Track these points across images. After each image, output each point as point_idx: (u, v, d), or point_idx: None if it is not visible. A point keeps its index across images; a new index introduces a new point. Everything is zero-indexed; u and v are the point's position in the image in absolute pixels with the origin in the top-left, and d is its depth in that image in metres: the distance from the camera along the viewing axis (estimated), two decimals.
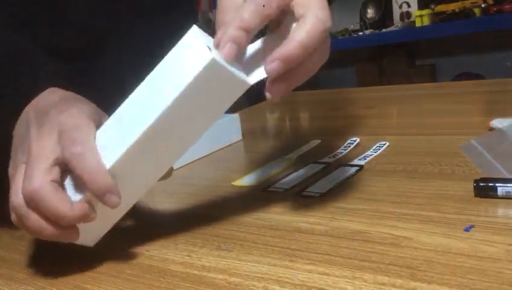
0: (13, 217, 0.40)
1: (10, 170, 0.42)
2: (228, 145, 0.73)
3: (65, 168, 0.39)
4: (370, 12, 2.77)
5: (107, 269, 0.39)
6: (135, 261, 0.40)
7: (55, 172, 0.38)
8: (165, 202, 0.54)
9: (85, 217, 0.38)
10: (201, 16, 2.29)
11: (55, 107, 0.41)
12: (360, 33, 2.70)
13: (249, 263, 0.36)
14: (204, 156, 0.69)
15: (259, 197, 0.50)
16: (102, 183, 0.36)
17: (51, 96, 0.44)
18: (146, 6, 0.65)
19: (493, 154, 0.49)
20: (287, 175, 0.55)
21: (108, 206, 0.37)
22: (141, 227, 0.47)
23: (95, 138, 0.38)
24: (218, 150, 0.72)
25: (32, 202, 0.37)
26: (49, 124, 0.40)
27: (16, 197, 0.38)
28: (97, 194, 0.37)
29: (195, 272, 0.36)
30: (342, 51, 2.80)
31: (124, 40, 0.63)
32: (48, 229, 0.38)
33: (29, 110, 0.43)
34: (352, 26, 2.81)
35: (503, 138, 0.53)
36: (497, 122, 0.59)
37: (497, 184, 0.41)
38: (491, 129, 0.59)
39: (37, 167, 0.38)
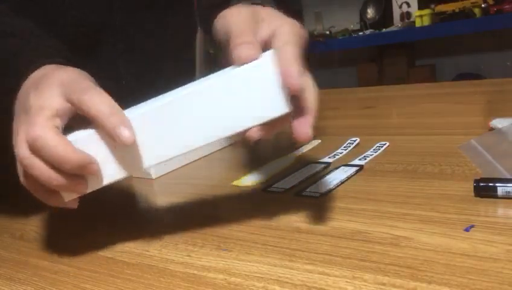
0: (20, 171, 0.41)
1: (14, 136, 0.42)
2: (228, 145, 0.73)
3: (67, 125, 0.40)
4: (370, 13, 2.77)
5: (107, 269, 0.39)
6: (135, 261, 0.40)
7: (58, 121, 0.39)
8: (165, 202, 0.54)
9: (88, 165, 0.39)
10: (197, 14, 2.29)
11: (52, 70, 0.43)
12: (360, 33, 2.70)
13: (249, 263, 0.36)
14: (204, 156, 0.69)
15: (259, 197, 0.50)
16: (117, 117, 0.37)
17: (48, 69, 0.45)
18: (140, 4, 0.65)
19: (493, 154, 0.49)
20: (287, 175, 0.55)
21: (121, 141, 0.37)
22: (141, 227, 0.47)
23: None
24: (218, 150, 0.72)
25: (36, 148, 0.39)
26: (48, 81, 0.42)
27: (21, 148, 0.39)
28: (110, 128, 0.37)
29: (195, 272, 0.36)
30: (342, 51, 2.80)
31: (119, 37, 0.63)
32: (54, 178, 0.38)
33: (28, 82, 0.44)
34: (352, 26, 2.81)
35: (503, 138, 0.53)
36: (497, 122, 0.59)
37: (497, 184, 0.41)
38: (491, 129, 0.59)
39: (39, 115, 0.40)
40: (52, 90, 0.40)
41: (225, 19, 0.46)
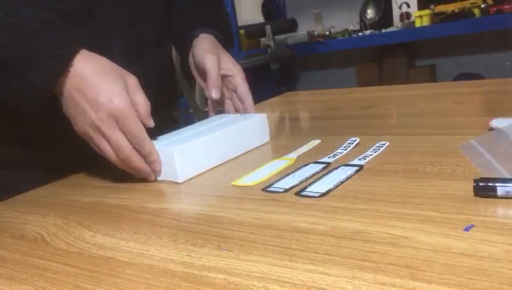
0: (91, 134, 0.55)
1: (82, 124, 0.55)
2: None
3: None
4: (370, 13, 2.77)
5: (107, 269, 0.39)
6: (135, 261, 0.40)
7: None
8: (165, 202, 0.54)
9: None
10: None
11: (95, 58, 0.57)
12: (360, 34, 2.70)
13: (249, 263, 0.36)
14: None
15: (259, 197, 0.50)
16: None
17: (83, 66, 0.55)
18: None
19: (493, 154, 0.49)
20: (287, 175, 0.55)
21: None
22: (141, 226, 0.47)
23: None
24: None
25: (119, 119, 0.54)
26: (113, 73, 0.56)
27: (96, 113, 0.54)
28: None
29: (195, 271, 0.36)
30: (342, 51, 2.80)
31: (112, 11, 0.67)
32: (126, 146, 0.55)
33: (69, 86, 0.55)
34: (352, 27, 2.81)
35: (503, 138, 0.53)
36: (497, 122, 0.59)
37: (496, 184, 0.41)
38: (491, 129, 0.59)
39: (117, 87, 0.55)
40: (119, 82, 0.55)
41: (199, 52, 0.74)
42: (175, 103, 0.96)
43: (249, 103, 0.74)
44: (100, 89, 0.54)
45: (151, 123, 0.58)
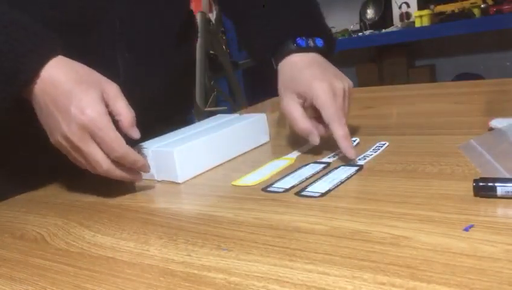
0: (65, 146, 0.52)
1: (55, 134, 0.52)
2: None
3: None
4: (370, 13, 2.77)
5: (107, 268, 0.39)
6: (135, 261, 0.40)
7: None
8: (165, 202, 0.54)
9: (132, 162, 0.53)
10: (200, 15, 2.30)
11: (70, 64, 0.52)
12: (360, 34, 2.70)
13: (249, 263, 0.36)
14: None
15: (259, 197, 0.50)
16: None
17: (58, 71, 0.51)
18: None
19: (493, 154, 0.49)
20: (287, 175, 0.55)
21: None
22: (141, 227, 0.47)
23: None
24: None
25: (91, 130, 0.50)
26: (89, 82, 0.51)
27: (69, 128, 0.50)
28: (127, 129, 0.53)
29: (195, 271, 0.37)
30: (341, 51, 2.80)
31: (117, 23, 0.64)
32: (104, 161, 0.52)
33: (41, 94, 0.51)
34: (352, 27, 2.81)
35: (502, 138, 0.53)
36: (497, 122, 0.59)
37: (496, 184, 0.41)
38: (491, 129, 0.59)
39: (90, 96, 0.50)
40: (96, 91, 0.51)
41: (296, 76, 0.67)
42: (188, 110, 0.91)
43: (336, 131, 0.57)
44: (72, 99, 0.50)
45: (136, 134, 0.53)
